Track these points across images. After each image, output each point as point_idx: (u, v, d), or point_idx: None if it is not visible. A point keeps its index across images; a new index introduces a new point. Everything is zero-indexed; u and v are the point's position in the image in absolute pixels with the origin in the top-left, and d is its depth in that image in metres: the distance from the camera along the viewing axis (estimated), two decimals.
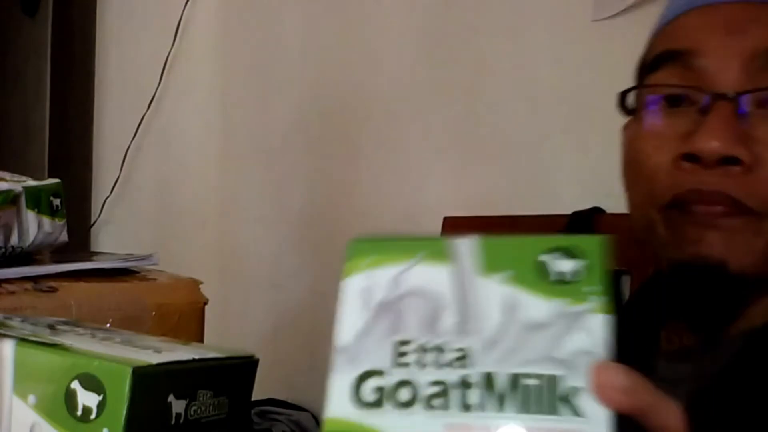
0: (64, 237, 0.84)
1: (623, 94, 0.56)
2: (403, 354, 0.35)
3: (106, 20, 1.84)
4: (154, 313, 0.75)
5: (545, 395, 0.33)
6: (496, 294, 0.36)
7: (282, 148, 1.54)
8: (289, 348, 1.52)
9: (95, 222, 1.73)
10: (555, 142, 1.10)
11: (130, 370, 0.36)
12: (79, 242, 1.59)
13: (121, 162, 1.69)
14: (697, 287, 0.51)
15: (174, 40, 1.69)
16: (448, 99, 1.27)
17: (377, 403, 0.34)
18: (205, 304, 0.81)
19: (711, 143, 0.48)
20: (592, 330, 0.34)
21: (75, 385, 0.37)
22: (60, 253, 0.85)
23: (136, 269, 0.85)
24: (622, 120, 0.61)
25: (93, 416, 0.36)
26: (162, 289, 0.80)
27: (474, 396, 0.34)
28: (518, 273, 0.36)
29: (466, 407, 0.34)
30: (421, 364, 0.35)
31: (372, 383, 0.35)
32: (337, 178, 1.46)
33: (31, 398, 0.37)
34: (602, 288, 0.35)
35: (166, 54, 1.67)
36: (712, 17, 0.52)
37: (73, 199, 0.97)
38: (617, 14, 1.02)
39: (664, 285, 0.56)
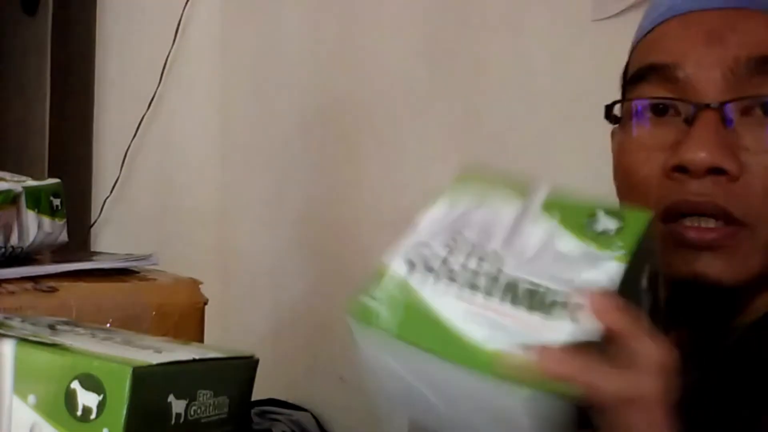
0: (64, 237, 0.84)
1: (610, 106, 0.58)
2: (454, 241, 0.44)
3: (106, 20, 1.84)
4: (154, 313, 0.75)
5: (534, 299, 0.40)
6: (545, 228, 0.43)
7: (282, 148, 1.54)
8: (289, 348, 1.52)
9: (95, 222, 1.73)
10: (555, 142, 1.10)
11: (130, 370, 0.36)
12: (79, 242, 1.59)
13: (121, 162, 1.69)
14: (693, 303, 0.52)
15: (174, 40, 1.69)
16: (448, 99, 1.27)
17: (416, 266, 0.44)
18: (205, 304, 0.81)
19: (698, 154, 0.49)
20: (605, 270, 0.40)
21: (75, 385, 0.36)
22: (60, 253, 0.85)
23: (136, 269, 0.85)
24: None
25: (93, 416, 0.36)
26: (162, 289, 0.80)
27: (484, 283, 0.42)
28: (571, 218, 0.44)
29: (474, 288, 0.42)
30: (462, 252, 0.43)
31: (421, 250, 0.45)
32: (337, 178, 1.46)
33: (31, 398, 0.37)
34: (630, 247, 0.41)
35: (166, 54, 1.67)
36: (692, 27, 0.52)
37: (73, 199, 0.97)
38: (617, 14, 1.02)
39: (667, 303, 0.56)
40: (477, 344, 0.40)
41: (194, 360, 0.41)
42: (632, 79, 0.56)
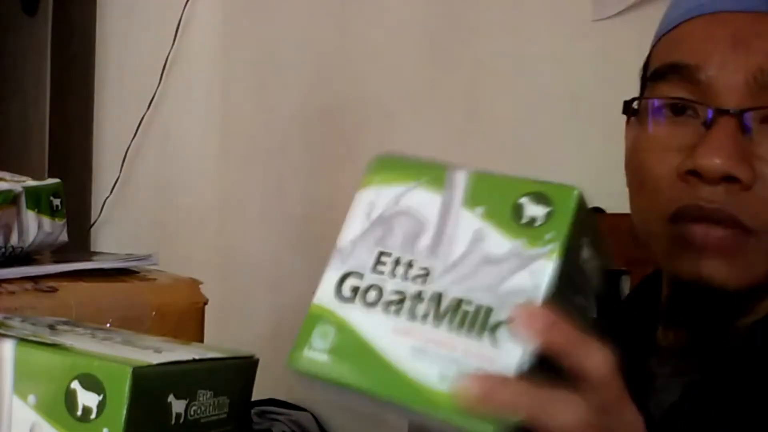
0: (64, 237, 0.83)
1: (628, 102, 0.56)
2: (382, 263, 0.40)
3: (106, 20, 1.84)
4: (154, 313, 0.75)
5: (476, 322, 0.37)
6: (471, 225, 0.40)
7: (282, 148, 1.54)
8: (289, 348, 1.51)
9: (95, 222, 1.73)
10: (555, 142, 1.10)
11: (130, 370, 0.36)
12: (79, 242, 1.59)
13: (121, 162, 1.69)
14: (696, 305, 0.52)
15: (174, 40, 1.69)
16: (449, 99, 1.27)
17: (350, 299, 0.41)
18: (205, 304, 0.81)
19: (713, 160, 0.48)
20: (536, 273, 0.37)
21: (75, 385, 0.36)
22: (60, 253, 0.85)
23: (135, 269, 0.85)
24: (622, 120, 0.61)
25: (93, 416, 0.36)
26: (162, 289, 0.80)
27: (421, 309, 0.38)
28: (495, 210, 0.40)
29: (413, 316, 0.38)
30: (392, 274, 0.40)
31: (351, 282, 0.41)
32: (337, 178, 1.46)
33: (31, 398, 0.37)
34: (563, 236, 0.38)
35: (166, 54, 1.67)
36: (718, 28, 0.51)
37: (73, 199, 0.97)
38: (617, 14, 1.02)
39: (667, 301, 0.56)
40: (431, 386, 0.37)
41: (194, 360, 0.41)
42: (653, 75, 0.54)
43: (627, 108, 0.56)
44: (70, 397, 0.37)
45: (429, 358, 0.37)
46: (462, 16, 1.26)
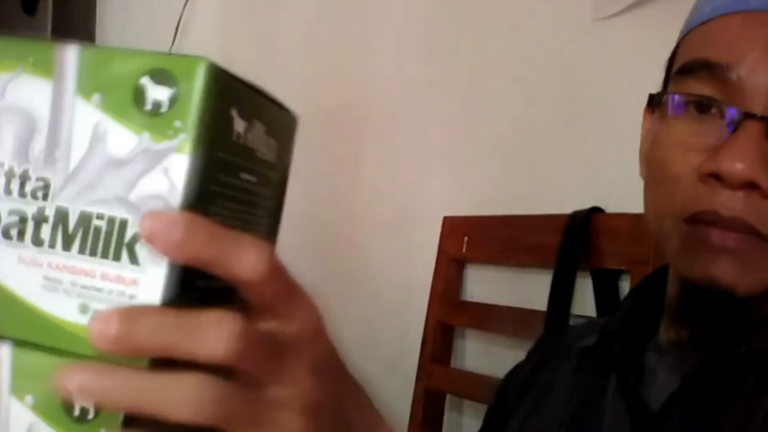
0: None
1: (655, 96, 0.55)
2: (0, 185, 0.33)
3: (105, 19, 1.84)
4: None
5: (112, 239, 0.32)
6: (89, 119, 0.32)
7: None
8: None
9: None
10: (555, 142, 1.10)
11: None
12: None
13: None
14: (704, 306, 0.51)
15: (174, 40, 1.69)
16: (448, 99, 1.27)
17: None
18: None
19: (736, 165, 0.47)
20: (170, 171, 0.32)
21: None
22: None
23: None
24: (622, 120, 0.61)
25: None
26: None
27: (46, 231, 0.32)
28: (114, 97, 0.32)
29: (38, 242, 0.32)
30: (7, 191, 0.33)
31: None
32: (337, 178, 1.46)
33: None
34: (194, 121, 0.32)
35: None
36: (755, 28, 0.50)
37: None
38: (617, 14, 1.02)
39: (674, 303, 0.56)
40: (70, 321, 0.32)
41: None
42: (681, 70, 0.53)
43: (652, 101, 0.55)
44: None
45: (64, 289, 0.32)
46: (462, 16, 1.26)
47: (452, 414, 1.22)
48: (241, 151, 0.35)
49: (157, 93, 0.32)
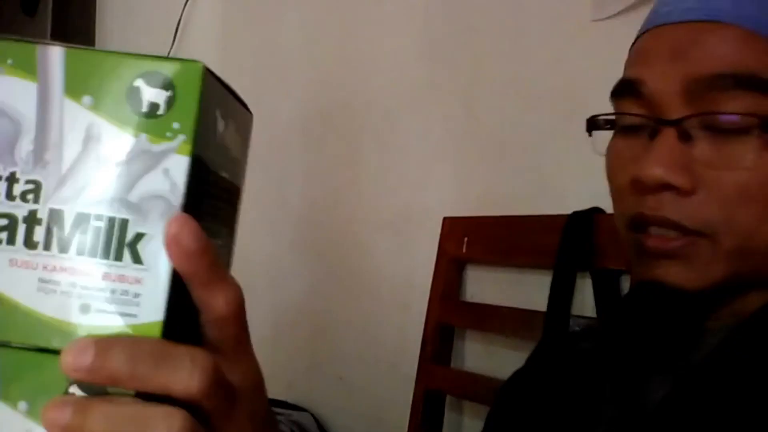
0: None
1: (590, 122, 0.60)
2: None
3: (105, 20, 1.84)
4: None
5: (112, 239, 0.32)
6: (81, 122, 0.33)
7: (282, 147, 1.54)
8: (289, 348, 1.52)
9: None
10: (555, 142, 1.10)
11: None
12: None
13: None
14: (658, 308, 0.53)
15: (174, 40, 1.69)
16: (448, 99, 1.27)
17: None
18: None
19: (652, 170, 0.50)
20: (170, 172, 0.32)
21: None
22: None
23: None
24: None
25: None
26: None
27: (39, 234, 0.32)
28: (107, 98, 0.33)
29: (31, 245, 0.32)
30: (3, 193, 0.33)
31: None
32: (337, 178, 1.46)
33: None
34: (192, 123, 0.33)
35: (166, 54, 1.67)
36: (660, 41, 0.53)
37: None
38: (616, 14, 1.02)
39: (620, 301, 0.59)
40: (71, 320, 0.32)
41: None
42: (612, 94, 0.58)
43: (591, 126, 0.59)
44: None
45: (62, 291, 0.32)
46: (461, 16, 1.26)
47: (452, 414, 1.21)
48: (221, 150, 0.36)
49: (153, 95, 0.33)
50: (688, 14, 0.53)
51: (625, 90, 0.55)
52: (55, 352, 0.32)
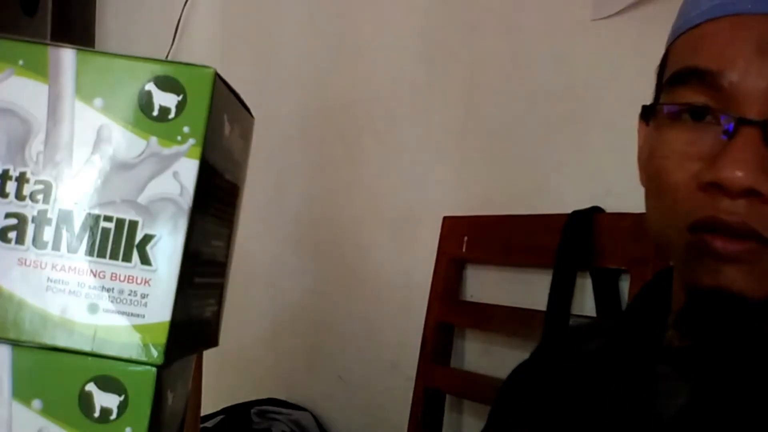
0: None
1: (648, 108, 0.55)
2: None
3: (105, 20, 1.84)
4: None
5: (121, 241, 0.32)
6: (91, 122, 0.33)
7: (282, 147, 1.54)
8: (289, 348, 1.52)
9: None
10: (555, 142, 1.10)
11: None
12: None
13: None
14: (715, 314, 0.50)
15: (174, 40, 1.69)
16: (448, 99, 1.27)
17: None
18: None
19: (735, 173, 0.46)
20: (179, 175, 0.33)
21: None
22: None
23: None
24: (622, 120, 0.61)
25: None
26: None
27: (49, 234, 0.33)
28: (118, 102, 0.33)
29: (40, 244, 0.33)
30: (3, 194, 0.33)
31: None
32: (336, 178, 1.46)
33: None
34: (202, 127, 0.33)
35: (166, 54, 1.67)
36: (743, 32, 0.49)
37: None
38: (617, 14, 1.02)
39: (682, 311, 0.55)
40: (79, 320, 0.32)
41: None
42: (672, 79, 0.52)
43: (646, 112, 0.55)
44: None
45: (71, 290, 0.33)
46: (461, 16, 1.26)
47: (452, 414, 1.22)
48: (226, 154, 0.37)
49: (164, 99, 0.33)
50: None
51: (694, 78, 0.50)
52: (69, 351, 0.33)
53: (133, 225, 0.33)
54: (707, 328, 0.52)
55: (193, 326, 0.36)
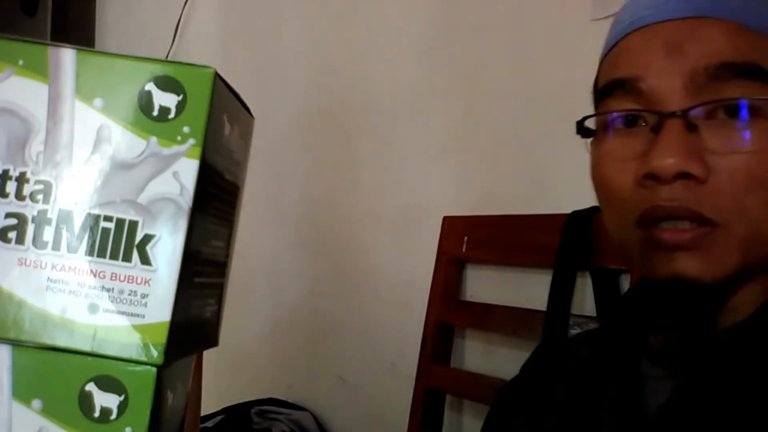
0: None
1: (581, 122, 0.59)
2: None
3: (105, 20, 1.84)
4: None
5: (121, 241, 0.33)
6: (92, 124, 0.33)
7: (282, 147, 1.54)
8: (289, 348, 1.52)
9: None
10: (555, 142, 1.10)
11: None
12: None
13: None
14: (675, 304, 0.53)
15: (173, 40, 1.69)
16: (448, 99, 1.27)
17: None
18: None
19: (666, 160, 0.50)
20: (179, 175, 0.33)
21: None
22: None
23: None
24: None
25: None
26: None
27: (49, 234, 0.33)
28: (118, 102, 0.33)
29: (40, 244, 0.33)
30: (3, 193, 0.33)
31: None
32: (337, 177, 1.46)
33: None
34: (202, 127, 0.33)
35: (166, 54, 1.67)
36: (652, 39, 0.53)
37: None
38: (616, 13, 1.02)
39: (643, 301, 0.57)
40: (78, 320, 0.32)
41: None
42: (600, 94, 0.57)
43: (580, 128, 0.59)
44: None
45: (71, 290, 0.33)
46: (461, 16, 1.26)
47: (452, 414, 1.22)
48: (226, 154, 0.37)
49: (164, 99, 0.33)
50: (677, 12, 0.53)
51: (617, 88, 0.55)
52: (69, 351, 0.33)
53: (133, 225, 0.33)
54: (673, 323, 0.54)
55: (193, 326, 0.36)
